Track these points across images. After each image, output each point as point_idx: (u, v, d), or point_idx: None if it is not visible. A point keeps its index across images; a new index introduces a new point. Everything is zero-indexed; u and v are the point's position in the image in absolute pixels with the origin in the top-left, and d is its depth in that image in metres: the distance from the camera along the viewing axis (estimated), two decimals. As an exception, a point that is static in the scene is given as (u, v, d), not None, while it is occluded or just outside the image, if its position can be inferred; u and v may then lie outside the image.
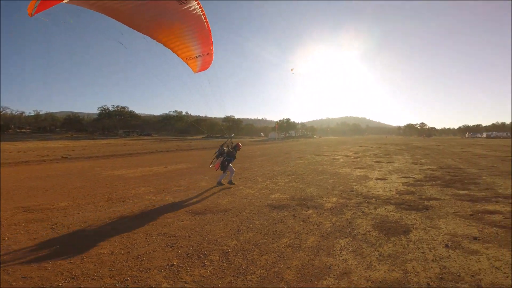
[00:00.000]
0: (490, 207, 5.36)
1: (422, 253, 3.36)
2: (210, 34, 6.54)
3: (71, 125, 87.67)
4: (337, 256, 3.33)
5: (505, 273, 2.86)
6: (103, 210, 5.52)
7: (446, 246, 3.57)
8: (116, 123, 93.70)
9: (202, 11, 5.99)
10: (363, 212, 5.19)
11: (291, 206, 5.68)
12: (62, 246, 3.73)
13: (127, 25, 5.29)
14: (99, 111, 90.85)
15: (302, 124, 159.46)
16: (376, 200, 6.06)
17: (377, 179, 8.81)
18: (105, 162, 16.32)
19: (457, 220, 4.61)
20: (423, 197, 6.20)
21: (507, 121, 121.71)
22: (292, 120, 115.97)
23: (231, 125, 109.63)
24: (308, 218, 4.89)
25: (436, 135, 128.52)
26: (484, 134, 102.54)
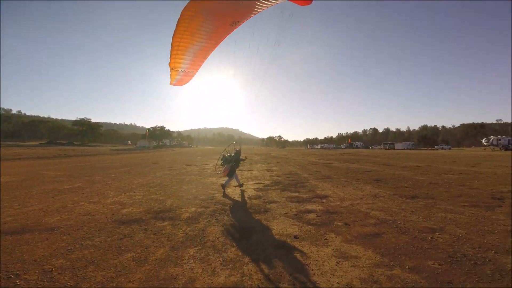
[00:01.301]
0: (309, 206, 6.39)
1: (257, 255, 3.68)
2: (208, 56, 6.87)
3: None
4: (184, 265, 3.36)
5: (313, 270, 3.23)
6: None
7: (275, 246, 3.98)
8: None
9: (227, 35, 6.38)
10: (216, 219, 5.46)
11: (144, 220, 5.37)
12: None
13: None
14: None
15: (179, 132, 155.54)
16: (230, 206, 6.57)
17: (236, 186, 9.61)
18: None
19: (286, 220, 5.31)
20: (266, 200, 7.20)
21: (334, 135, 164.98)
22: (167, 128, 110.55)
23: (85, 130, 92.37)
24: (161, 230, 4.75)
25: (289, 146, 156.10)
26: (319, 146, 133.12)
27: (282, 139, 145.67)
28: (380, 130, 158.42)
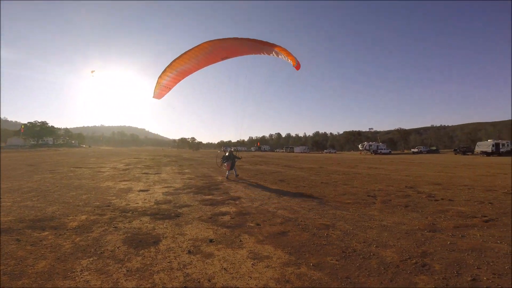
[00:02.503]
0: (223, 209, 6.39)
1: (168, 262, 3.44)
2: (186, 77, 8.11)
3: None
4: (77, 278, 2.96)
5: (231, 273, 3.17)
6: None
7: (189, 252, 3.78)
8: None
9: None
10: (115, 227, 4.87)
11: (15, 230, 4.50)
12: None
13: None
14: None
15: (67, 129, 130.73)
16: (133, 212, 5.91)
17: (140, 190, 8.75)
18: None
19: (199, 224, 5.14)
20: (177, 204, 6.80)
21: (246, 138, 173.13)
22: (50, 124, 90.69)
23: None
24: (41, 241, 4.06)
25: (203, 148, 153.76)
26: (233, 148, 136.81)
27: (196, 141, 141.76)
28: (283, 135, 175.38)
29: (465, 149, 52.45)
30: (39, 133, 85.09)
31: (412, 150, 68.47)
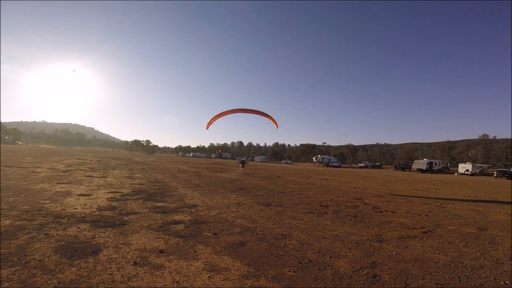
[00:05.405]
0: (177, 217, 6.04)
1: (110, 274, 3.11)
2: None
3: None
4: None
5: (185, 287, 2.99)
6: None
7: (135, 263, 3.48)
8: None
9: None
10: (46, 234, 4.32)
11: None
12: None
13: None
14: None
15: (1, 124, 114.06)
16: (69, 219, 5.26)
17: (80, 195, 7.85)
18: None
19: (148, 233, 4.76)
20: (123, 212, 6.22)
21: (206, 145, 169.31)
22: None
23: None
24: None
25: (158, 152, 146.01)
26: (191, 154, 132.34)
27: (151, 144, 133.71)
28: (245, 144, 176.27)
29: (404, 165, 58.11)
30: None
31: (359, 164, 73.56)
